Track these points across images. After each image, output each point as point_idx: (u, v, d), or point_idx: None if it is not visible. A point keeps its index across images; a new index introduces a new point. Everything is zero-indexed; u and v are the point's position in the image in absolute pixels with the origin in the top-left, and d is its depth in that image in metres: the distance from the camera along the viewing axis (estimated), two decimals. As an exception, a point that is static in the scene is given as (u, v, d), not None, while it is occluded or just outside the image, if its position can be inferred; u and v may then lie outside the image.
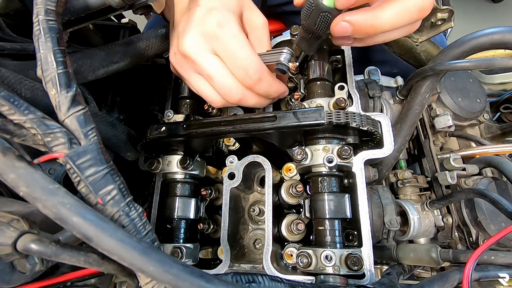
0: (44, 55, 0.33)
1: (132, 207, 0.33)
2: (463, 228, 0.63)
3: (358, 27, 0.40)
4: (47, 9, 0.34)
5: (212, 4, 0.49)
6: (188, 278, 0.27)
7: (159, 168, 0.61)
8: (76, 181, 0.31)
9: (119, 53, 0.57)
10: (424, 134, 0.71)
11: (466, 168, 0.64)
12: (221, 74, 0.49)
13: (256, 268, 0.55)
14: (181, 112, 0.65)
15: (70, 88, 0.33)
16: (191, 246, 0.58)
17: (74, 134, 0.32)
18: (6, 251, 0.28)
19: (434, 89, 0.62)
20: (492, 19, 2.78)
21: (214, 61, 0.49)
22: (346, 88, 0.56)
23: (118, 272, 0.32)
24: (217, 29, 0.48)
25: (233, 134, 0.54)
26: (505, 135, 0.75)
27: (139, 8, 0.48)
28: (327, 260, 0.47)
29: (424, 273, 0.70)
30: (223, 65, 0.49)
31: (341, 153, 0.50)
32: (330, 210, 0.50)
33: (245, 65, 0.48)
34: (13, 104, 0.31)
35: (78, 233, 0.27)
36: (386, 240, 0.60)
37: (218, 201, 0.65)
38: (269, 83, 0.52)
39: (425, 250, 0.54)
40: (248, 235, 0.61)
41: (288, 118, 0.49)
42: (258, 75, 0.49)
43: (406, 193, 0.67)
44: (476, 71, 0.88)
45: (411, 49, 0.72)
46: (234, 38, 0.48)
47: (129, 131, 0.61)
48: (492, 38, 0.55)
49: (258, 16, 0.55)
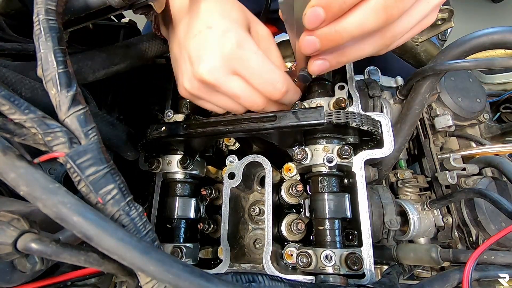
0: (45, 55, 0.33)
1: (132, 207, 0.33)
2: (463, 228, 0.63)
3: (323, 37, 0.38)
4: (47, 8, 0.34)
5: (225, 25, 0.48)
6: (188, 278, 0.27)
7: (159, 168, 0.61)
8: (76, 180, 0.31)
9: (120, 54, 0.57)
10: (424, 134, 0.71)
11: (466, 168, 0.64)
12: (247, 93, 0.49)
13: (256, 268, 0.55)
14: (181, 112, 0.65)
15: (70, 87, 0.33)
16: (191, 245, 0.58)
17: (74, 134, 0.32)
18: (7, 250, 0.28)
19: (434, 89, 0.62)
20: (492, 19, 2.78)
21: (238, 82, 0.49)
22: (346, 88, 0.56)
23: (118, 271, 0.32)
24: (237, 51, 0.47)
25: (233, 134, 0.54)
26: (505, 135, 0.75)
27: (139, 8, 0.49)
28: (327, 260, 0.47)
29: (424, 273, 0.70)
30: (247, 83, 0.49)
31: (341, 152, 0.50)
32: (330, 209, 0.50)
33: (272, 79, 0.48)
34: (13, 104, 0.31)
35: (78, 233, 0.27)
36: (386, 240, 0.60)
37: (218, 201, 0.65)
38: (294, 91, 0.52)
39: (425, 250, 0.54)
40: (248, 235, 0.61)
41: (288, 117, 0.49)
42: (285, 88, 0.49)
43: (406, 193, 0.67)
44: (476, 71, 0.88)
45: (411, 49, 0.72)
46: (255, 55, 0.47)
47: (129, 131, 0.61)
48: (492, 38, 0.55)
49: (262, 27, 0.54)
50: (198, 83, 0.50)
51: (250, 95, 0.49)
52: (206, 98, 0.54)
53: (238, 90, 0.49)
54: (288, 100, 0.52)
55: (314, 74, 0.45)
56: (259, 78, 0.48)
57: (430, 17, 0.42)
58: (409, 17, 0.39)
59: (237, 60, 0.47)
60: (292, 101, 0.53)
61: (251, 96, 0.49)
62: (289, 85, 0.50)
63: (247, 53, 0.47)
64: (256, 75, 0.48)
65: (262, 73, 0.48)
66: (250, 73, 0.48)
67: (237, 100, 0.51)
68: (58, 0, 0.35)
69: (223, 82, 0.48)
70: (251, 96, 0.49)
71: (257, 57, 0.48)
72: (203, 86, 0.51)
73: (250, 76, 0.48)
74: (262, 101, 0.50)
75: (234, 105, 0.53)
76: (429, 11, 0.40)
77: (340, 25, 0.37)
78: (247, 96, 0.49)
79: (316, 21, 0.36)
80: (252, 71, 0.48)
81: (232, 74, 0.48)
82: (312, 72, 0.45)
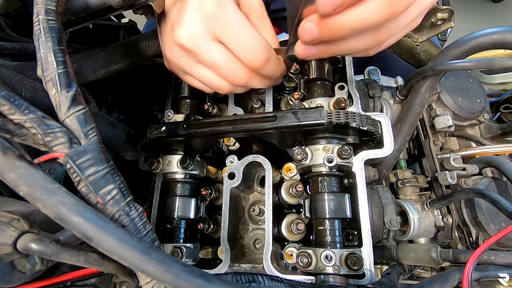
0: (44, 55, 0.33)
1: (132, 207, 0.33)
2: (463, 228, 0.63)
3: (323, 27, 0.37)
4: (47, 8, 0.34)
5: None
6: (188, 278, 0.27)
7: (159, 168, 0.61)
8: (76, 180, 0.31)
9: (119, 54, 0.57)
10: (424, 134, 0.71)
11: (466, 168, 0.64)
12: (228, 60, 0.47)
13: (256, 268, 0.55)
14: (181, 112, 0.65)
15: (70, 87, 0.33)
16: (191, 246, 0.58)
17: (74, 134, 0.32)
18: (6, 250, 0.28)
19: (434, 89, 0.62)
20: (492, 19, 2.78)
21: (219, 48, 0.46)
22: (346, 88, 0.56)
23: (118, 271, 0.32)
24: (217, 11, 0.44)
25: (233, 134, 0.54)
26: (505, 135, 0.75)
27: (139, 8, 0.49)
28: (327, 260, 0.47)
29: (424, 273, 0.70)
30: (228, 50, 0.47)
31: (341, 153, 0.50)
32: (330, 210, 0.50)
33: (252, 45, 0.46)
34: (13, 104, 0.31)
35: (78, 233, 0.27)
36: (386, 240, 0.60)
37: (218, 201, 0.65)
38: (276, 62, 0.49)
39: (425, 250, 0.54)
40: (248, 235, 0.61)
41: (288, 118, 0.49)
42: (266, 55, 0.46)
43: (406, 193, 0.67)
44: (476, 71, 0.88)
45: (411, 49, 0.72)
46: (236, 18, 0.45)
47: (129, 131, 0.61)
48: (492, 38, 0.55)
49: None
50: (180, 50, 0.49)
51: (231, 65, 0.47)
52: (188, 70, 0.52)
53: (218, 59, 0.47)
54: (269, 71, 0.49)
55: (300, 58, 0.45)
56: (239, 42, 0.46)
57: (419, 19, 0.42)
58: (404, 16, 0.39)
59: (217, 23, 0.45)
60: (275, 73, 0.51)
61: (232, 65, 0.47)
62: (270, 53, 0.47)
63: (227, 15, 0.45)
64: (236, 39, 0.45)
65: (242, 37, 0.45)
66: (229, 37, 0.45)
67: (218, 72, 0.49)
68: (58, 0, 0.35)
69: (203, 49, 0.46)
70: (232, 65, 0.47)
71: (238, 20, 0.45)
72: (184, 55, 0.49)
73: (230, 40, 0.46)
74: (244, 73, 0.48)
75: (216, 79, 0.50)
76: (421, 11, 0.40)
77: (343, 17, 0.36)
78: (228, 66, 0.47)
79: (332, 4, 0.34)
80: (232, 34, 0.45)
81: (213, 40, 0.46)
82: (298, 55, 0.44)
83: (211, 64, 0.48)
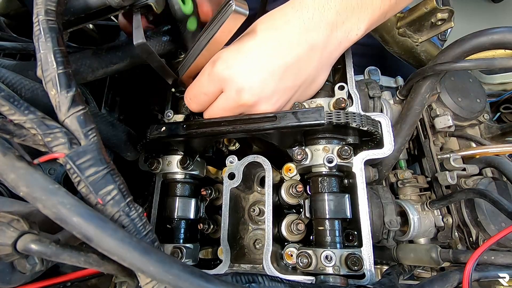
0: (44, 55, 0.33)
1: (132, 207, 0.33)
2: (463, 228, 0.63)
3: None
4: (47, 9, 0.34)
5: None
6: (188, 278, 0.27)
7: (159, 168, 0.61)
8: (76, 181, 0.31)
9: (119, 53, 0.57)
10: (424, 134, 0.71)
11: (466, 168, 0.64)
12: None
13: (256, 268, 0.55)
14: (181, 112, 0.65)
15: (70, 88, 0.33)
16: (191, 246, 0.58)
17: (74, 134, 0.32)
18: (6, 251, 0.28)
19: (434, 89, 0.62)
20: (492, 19, 2.78)
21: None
22: (346, 88, 0.56)
23: (118, 272, 0.32)
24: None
25: (233, 134, 0.54)
26: (505, 135, 0.75)
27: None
28: (327, 260, 0.47)
29: (424, 273, 0.70)
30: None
31: (341, 153, 0.50)
32: (330, 210, 0.50)
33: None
34: (13, 104, 0.31)
35: (78, 233, 0.27)
36: (386, 240, 0.60)
37: (218, 201, 0.65)
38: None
39: (425, 250, 0.54)
40: (248, 235, 0.61)
41: (288, 118, 0.49)
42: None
43: (406, 193, 0.67)
44: (476, 71, 0.88)
45: (411, 49, 0.72)
46: None
47: (129, 131, 0.61)
48: (492, 38, 0.55)
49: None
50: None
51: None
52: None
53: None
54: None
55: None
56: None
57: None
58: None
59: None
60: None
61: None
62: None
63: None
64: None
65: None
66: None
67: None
68: (58, 1, 0.35)
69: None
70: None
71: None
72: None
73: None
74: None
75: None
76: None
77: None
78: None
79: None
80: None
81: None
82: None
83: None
